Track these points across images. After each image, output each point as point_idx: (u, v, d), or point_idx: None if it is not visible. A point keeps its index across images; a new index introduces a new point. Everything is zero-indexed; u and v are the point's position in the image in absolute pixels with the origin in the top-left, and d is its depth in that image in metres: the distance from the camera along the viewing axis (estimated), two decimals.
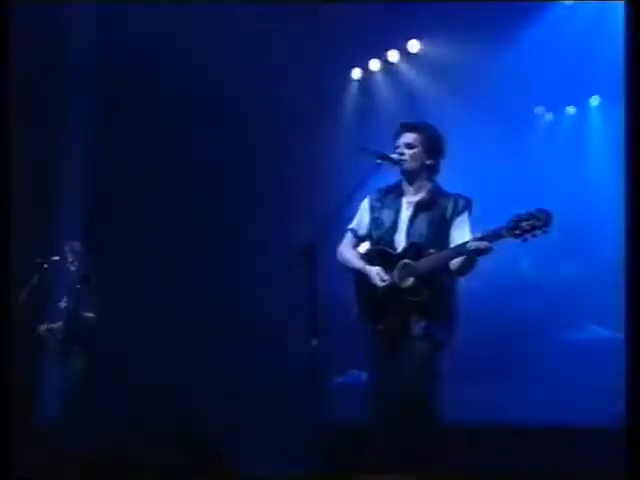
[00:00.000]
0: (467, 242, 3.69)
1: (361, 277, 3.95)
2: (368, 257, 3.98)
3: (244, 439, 5.19)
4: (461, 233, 3.83)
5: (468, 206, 3.91)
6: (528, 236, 3.55)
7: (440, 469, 3.59)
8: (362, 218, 4.06)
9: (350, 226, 4.08)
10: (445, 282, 3.84)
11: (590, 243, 7.02)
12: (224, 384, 6.95)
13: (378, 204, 4.01)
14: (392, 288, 3.80)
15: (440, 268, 3.77)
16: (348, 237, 4.08)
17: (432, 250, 3.79)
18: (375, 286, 3.85)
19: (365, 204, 4.06)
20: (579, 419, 4.96)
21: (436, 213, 3.89)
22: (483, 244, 3.64)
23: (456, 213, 3.89)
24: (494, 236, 3.63)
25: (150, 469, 3.76)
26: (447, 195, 3.95)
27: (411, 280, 3.76)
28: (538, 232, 3.55)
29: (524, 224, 3.55)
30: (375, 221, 4.01)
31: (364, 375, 6.55)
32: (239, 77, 7.27)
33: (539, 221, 3.55)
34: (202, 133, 7.45)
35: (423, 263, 3.77)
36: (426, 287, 3.76)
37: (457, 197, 3.94)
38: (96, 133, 7.57)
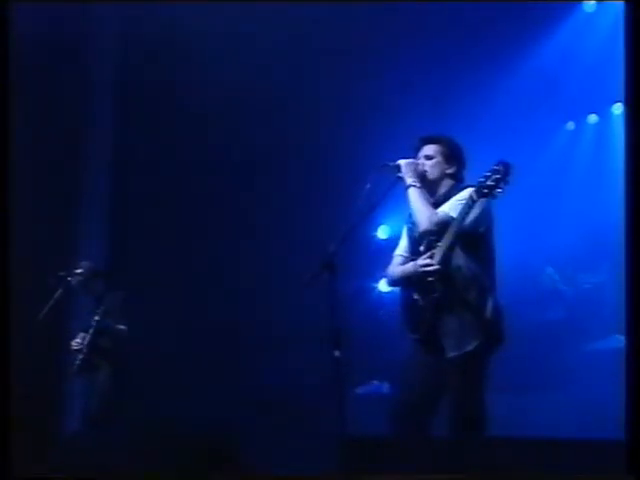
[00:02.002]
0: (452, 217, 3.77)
1: (405, 287, 4.01)
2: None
3: (263, 448, 5.19)
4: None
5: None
6: (495, 192, 3.66)
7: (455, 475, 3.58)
8: (402, 241, 4.14)
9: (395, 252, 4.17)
10: (466, 278, 3.82)
11: (613, 251, 6.96)
12: (247, 395, 6.96)
13: (410, 225, 4.07)
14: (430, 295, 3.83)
15: (450, 255, 3.78)
16: (394, 261, 4.14)
17: (440, 243, 3.82)
18: (415, 296, 3.90)
19: (404, 228, 4.14)
20: (604, 431, 4.91)
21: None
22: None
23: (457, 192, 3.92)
24: (469, 204, 3.71)
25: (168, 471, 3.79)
26: (460, 189, 3.96)
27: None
28: (502, 184, 3.65)
29: (489, 182, 3.66)
30: (410, 239, 4.08)
31: (385, 386, 6.61)
32: (260, 87, 7.28)
33: (499, 173, 3.65)
34: (222, 144, 7.47)
35: (435, 257, 3.80)
36: (444, 283, 3.78)
37: (465, 186, 3.95)
38: (116, 140, 7.59)
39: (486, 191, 3.67)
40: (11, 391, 3.87)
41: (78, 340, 5.78)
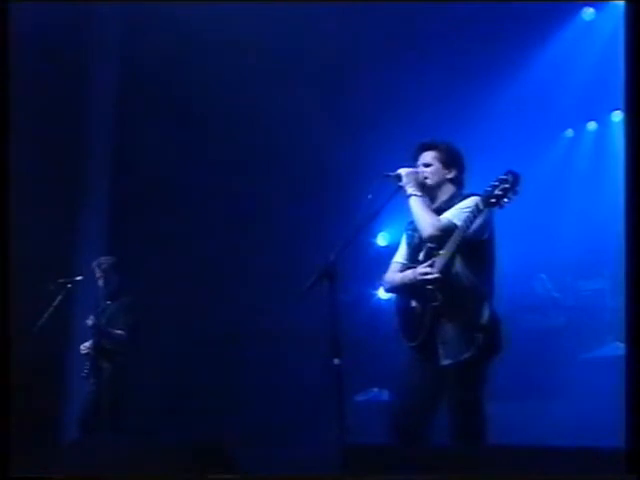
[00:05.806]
0: (456, 225, 3.73)
1: (403, 294, 4.00)
2: None
3: (262, 455, 5.18)
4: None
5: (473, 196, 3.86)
6: (503, 201, 3.62)
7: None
8: (401, 248, 4.12)
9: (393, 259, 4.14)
10: (465, 287, 3.81)
11: (613, 259, 6.96)
12: (246, 401, 6.96)
13: (410, 232, 4.05)
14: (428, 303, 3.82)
15: (451, 263, 3.76)
16: (391, 267, 4.11)
17: (442, 251, 3.79)
18: (412, 303, 3.89)
19: (404, 235, 4.12)
20: (603, 438, 4.90)
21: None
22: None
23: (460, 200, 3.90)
24: (474, 212, 3.68)
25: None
26: (463, 196, 3.95)
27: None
28: (511, 194, 3.62)
29: (497, 191, 3.62)
30: (409, 246, 4.06)
31: (385, 394, 6.59)
32: (260, 91, 7.27)
33: (508, 183, 3.62)
34: (221, 148, 7.46)
35: (435, 265, 3.79)
36: (442, 291, 3.76)
37: (469, 194, 3.92)
38: (117, 140, 7.58)
39: (493, 201, 3.63)
40: (11, 392, 3.87)
41: (87, 344, 5.78)
